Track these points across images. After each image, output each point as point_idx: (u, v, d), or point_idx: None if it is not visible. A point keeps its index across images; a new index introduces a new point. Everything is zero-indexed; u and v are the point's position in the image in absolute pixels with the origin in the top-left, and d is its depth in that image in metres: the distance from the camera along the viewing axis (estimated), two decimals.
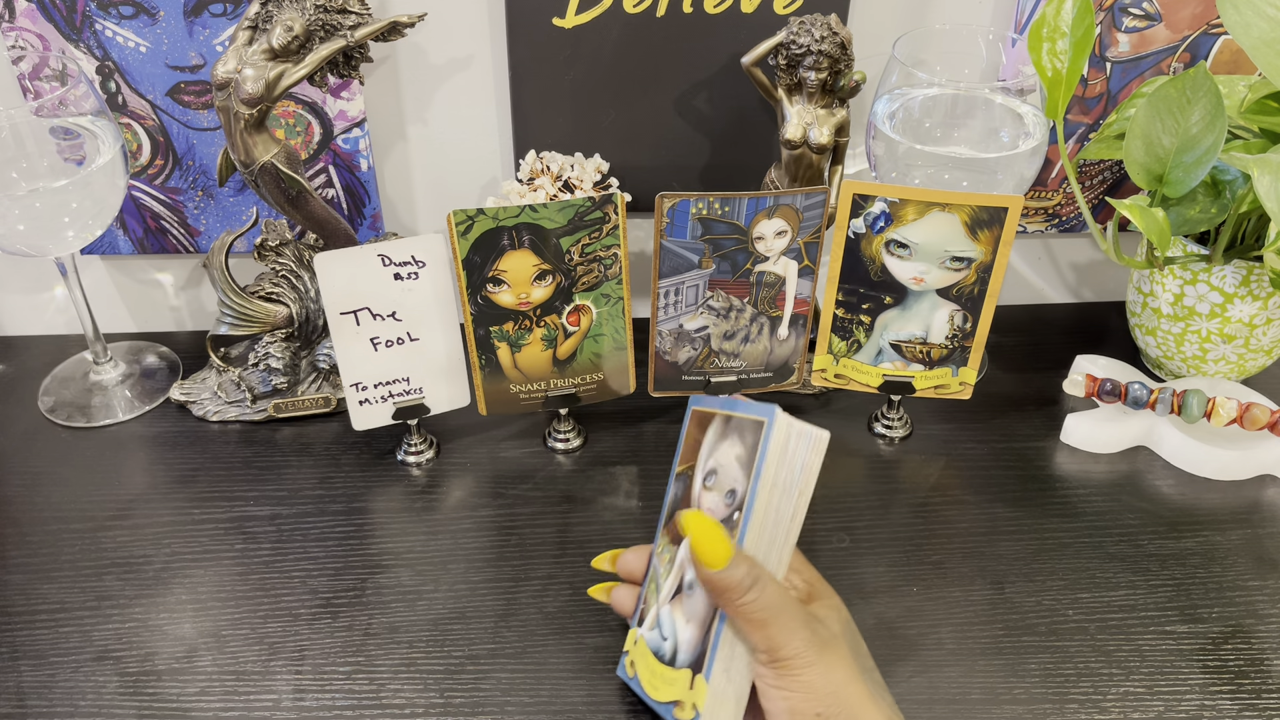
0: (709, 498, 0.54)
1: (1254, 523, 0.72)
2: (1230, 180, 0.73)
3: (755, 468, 0.50)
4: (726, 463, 0.53)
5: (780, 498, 0.51)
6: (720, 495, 0.53)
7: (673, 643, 0.54)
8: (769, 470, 0.50)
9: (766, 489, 0.50)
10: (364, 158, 0.82)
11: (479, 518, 0.73)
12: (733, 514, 0.52)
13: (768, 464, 0.50)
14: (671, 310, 0.73)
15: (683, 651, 0.53)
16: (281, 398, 0.81)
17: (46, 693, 0.61)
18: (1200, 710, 0.60)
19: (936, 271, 0.70)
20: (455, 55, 0.80)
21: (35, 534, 0.72)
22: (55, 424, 0.81)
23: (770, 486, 0.50)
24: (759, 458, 0.50)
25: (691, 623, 0.53)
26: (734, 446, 0.53)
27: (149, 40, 0.76)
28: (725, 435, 0.54)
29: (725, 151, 0.83)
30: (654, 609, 0.56)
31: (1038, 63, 0.70)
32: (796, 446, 0.50)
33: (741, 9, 0.76)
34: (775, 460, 0.50)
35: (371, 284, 0.69)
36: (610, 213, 0.69)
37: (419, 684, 0.62)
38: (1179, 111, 0.69)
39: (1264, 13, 0.67)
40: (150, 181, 0.83)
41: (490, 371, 0.73)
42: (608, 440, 0.79)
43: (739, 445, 0.52)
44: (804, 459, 0.50)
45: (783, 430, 0.50)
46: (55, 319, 0.90)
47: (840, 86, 0.73)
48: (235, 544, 0.71)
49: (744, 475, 0.51)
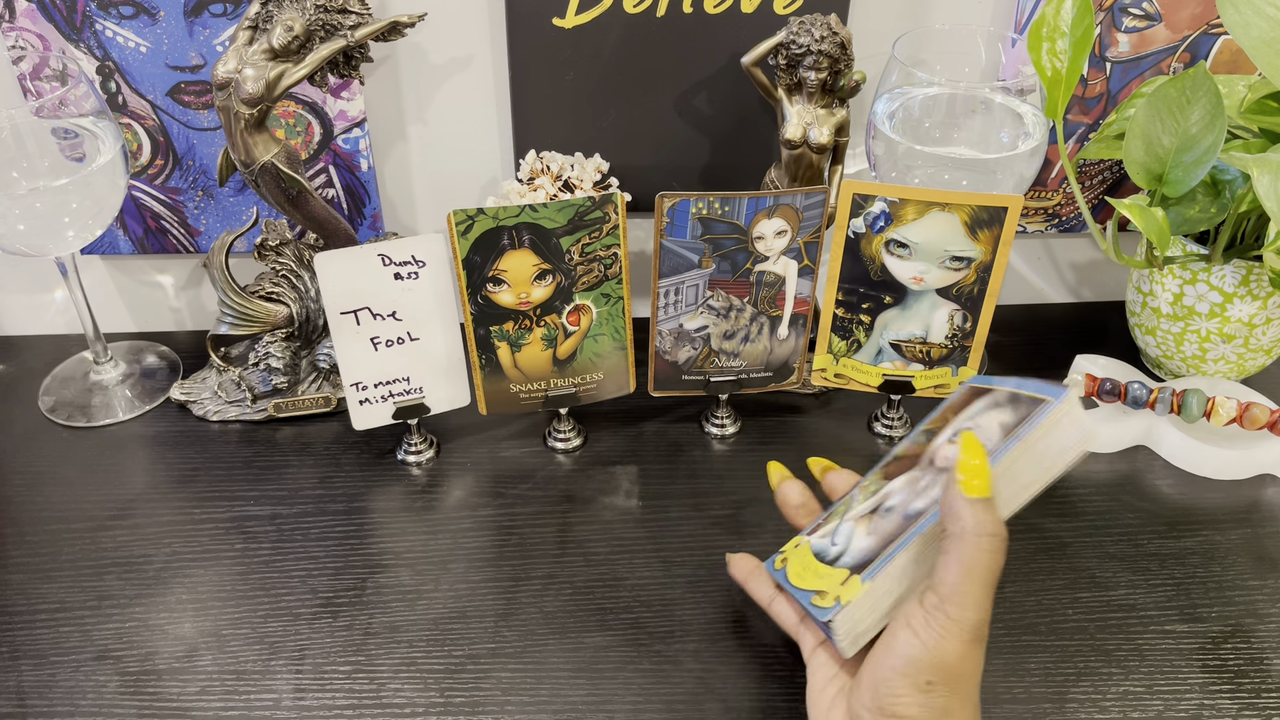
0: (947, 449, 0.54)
1: (1253, 522, 0.72)
2: (1230, 180, 0.73)
3: (1017, 433, 0.50)
4: (987, 425, 0.53)
5: (1027, 465, 0.51)
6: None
7: (842, 549, 0.55)
8: (1033, 436, 0.50)
9: (1020, 451, 0.50)
10: (364, 158, 0.82)
11: (479, 517, 0.73)
12: None
13: (1034, 432, 0.50)
14: (671, 310, 0.73)
15: (849, 557, 0.54)
16: (281, 397, 0.81)
17: (47, 692, 0.61)
18: (1200, 709, 0.60)
19: (936, 271, 0.70)
20: (455, 55, 0.80)
21: (35, 534, 0.72)
22: (55, 424, 0.81)
23: (1025, 450, 0.50)
24: (1026, 425, 0.50)
25: (873, 536, 0.54)
26: (1002, 414, 0.53)
27: (149, 40, 0.76)
28: (998, 406, 0.54)
29: (725, 151, 0.83)
30: (834, 523, 0.58)
31: (1037, 63, 0.71)
32: (1067, 429, 0.50)
33: (741, 9, 0.76)
34: (1042, 432, 0.50)
35: (371, 284, 0.69)
36: (610, 212, 0.69)
37: (419, 683, 0.62)
38: (1179, 111, 0.69)
39: (1264, 12, 0.67)
40: (150, 181, 0.83)
41: (490, 371, 0.73)
42: (608, 440, 0.79)
43: (1008, 414, 0.53)
44: (1067, 443, 0.51)
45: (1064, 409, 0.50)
46: (55, 319, 0.90)
47: (840, 86, 0.73)
48: (235, 544, 0.71)
49: (1000, 438, 0.51)
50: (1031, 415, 0.51)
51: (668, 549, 0.70)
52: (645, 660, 0.63)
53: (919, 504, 0.53)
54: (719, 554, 0.70)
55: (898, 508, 0.54)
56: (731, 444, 0.79)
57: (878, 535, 0.53)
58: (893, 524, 0.53)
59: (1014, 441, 0.50)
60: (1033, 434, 0.50)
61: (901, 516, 0.53)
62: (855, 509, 0.57)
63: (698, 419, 0.81)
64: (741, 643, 0.64)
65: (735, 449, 0.79)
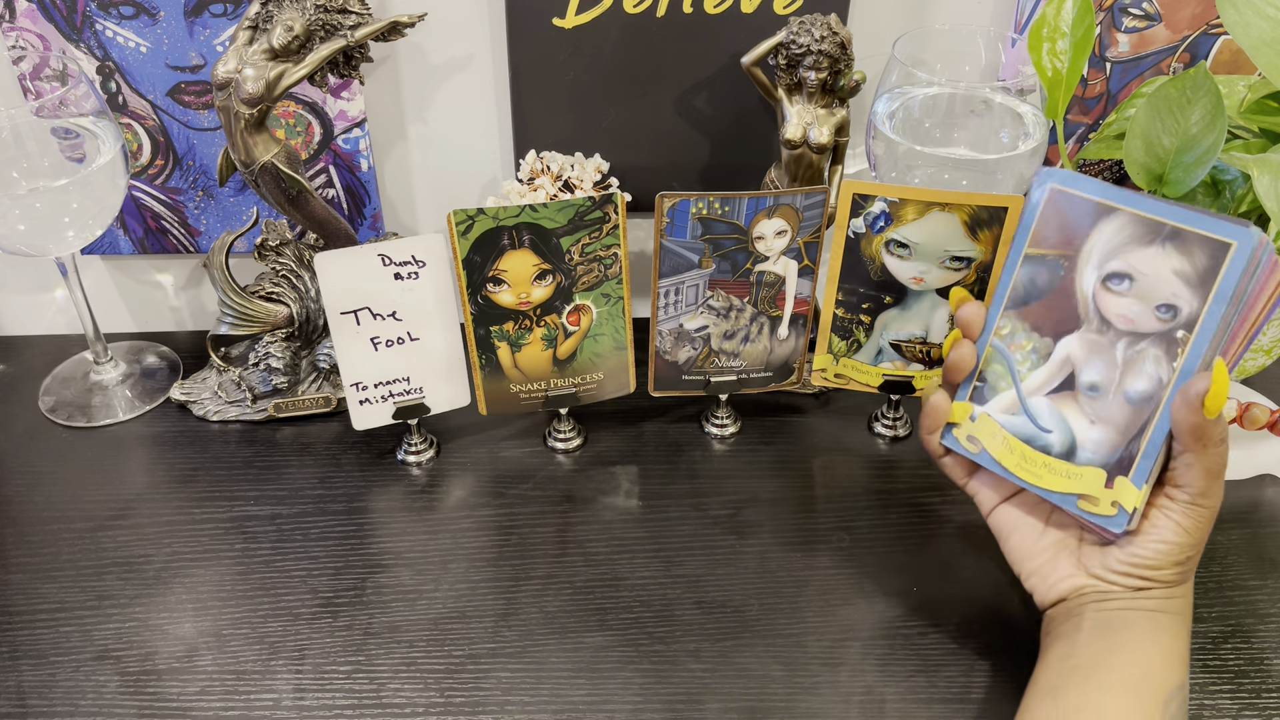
0: (1116, 301, 0.53)
1: (1254, 522, 0.72)
2: (1230, 180, 0.73)
3: (1216, 292, 0.49)
4: (1156, 273, 0.51)
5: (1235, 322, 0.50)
6: (1145, 306, 0.52)
7: (1065, 438, 0.55)
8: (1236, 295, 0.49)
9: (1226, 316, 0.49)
10: (364, 158, 0.83)
11: (479, 517, 0.73)
12: (1174, 331, 0.51)
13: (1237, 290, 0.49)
14: (671, 310, 0.73)
15: (1086, 450, 0.55)
16: (282, 397, 0.81)
17: (46, 692, 0.61)
18: (1200, 710, 0.60)
19: (936, 271, 0.70)
20: (455, 55, 0.80)
21: (35, 534, 0.72)
22: (56, 424, 0.81)
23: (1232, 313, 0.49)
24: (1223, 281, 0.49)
25: (1102, 425, 0.54)
26: (1170, 258, 0.51)
27: (149, 40, 0.76)
28: (1147, 240, 0.52)
29: (725, 151, 0.83)
30: (1007, 393, 0.57)
31: (1038, 63, 0.70)
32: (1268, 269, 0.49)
33: (741, 9, 0.76)
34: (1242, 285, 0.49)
35: (372, 284, 0.69)
36: (610, 212, 0.69)
37: (419, 683, 0.62)
38: (1179, 111, 0.69)
39: (1264, 12, 0.67)
40: (150, 181, 0.83)
41: (490, 371, 0.73)
42: (608, 440, 0.79)
43: (1180, 259, 0.50)
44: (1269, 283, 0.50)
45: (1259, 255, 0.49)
46: (55, 319, 0.90)
47: (840, 86, 0.73)
48: (235, 544, 0.71)
49: (1190, 294, 0.50)
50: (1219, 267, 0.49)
51: (668, 549, 0.70)
52: (645, 660, 0.63)
53: (1141, 385, 0.52)
54: (719, 554, 0.70)
55: (1106, 387, 0.53)
56: (731, 444, 0.79)
57: (1110, 425, 0.53)
58: (1118, 410, 0.53)
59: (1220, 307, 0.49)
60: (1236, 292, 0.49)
61: (1125, 401, 0.53)
62: (1030, 377, 0.56)
63: (698, 419, 0.81)
64: (741, 643, 0.64)
65: (735, 449, 0.79)
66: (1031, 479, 0.56)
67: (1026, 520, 0.59)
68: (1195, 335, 0.50)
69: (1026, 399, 0.57)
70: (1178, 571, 0.54)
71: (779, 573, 0.69)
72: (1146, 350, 0.52)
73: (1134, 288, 0.52)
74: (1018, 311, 0.57)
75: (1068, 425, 0.55)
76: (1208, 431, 0.51)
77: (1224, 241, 0.49)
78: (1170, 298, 0.51)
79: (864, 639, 0.64)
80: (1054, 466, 0.55)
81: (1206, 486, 0.52)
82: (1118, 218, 0.53)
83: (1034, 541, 0.59)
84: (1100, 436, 0.54)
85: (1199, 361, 0.50)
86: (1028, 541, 0.59)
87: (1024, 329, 0.57)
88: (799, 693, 0.61)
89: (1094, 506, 0.54)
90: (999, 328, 0.58)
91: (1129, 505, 0.53)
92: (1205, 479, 0.52)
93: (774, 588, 0.68)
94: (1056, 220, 0.56)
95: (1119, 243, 0.53)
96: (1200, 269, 0.50)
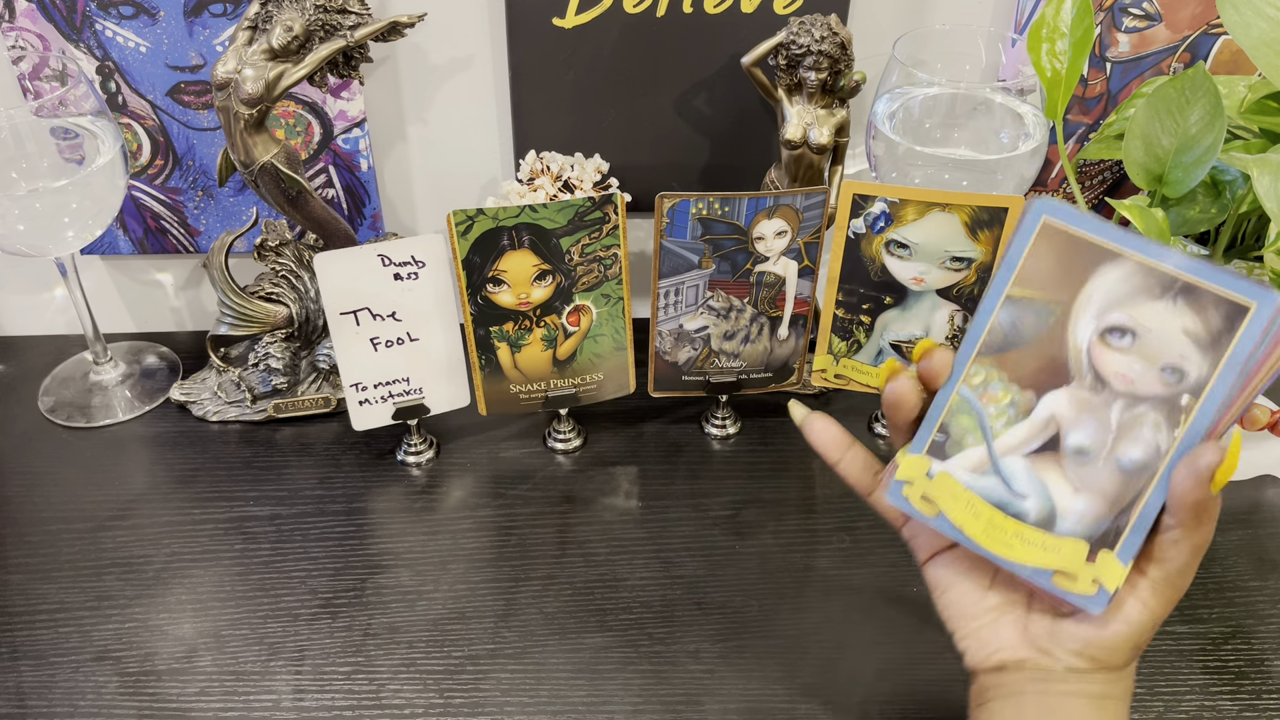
0: (1115, 358, 0.48)
1: (1254, 523, 0.72)
2: (1230, 180, 0.73)
3: (1229, 357, 0.44)
4: (1163, 331, 0.46)
5: (1238, 394, 0.46)
6: (1149, 366, 0.47)
7: (1043, 505, 0.49)
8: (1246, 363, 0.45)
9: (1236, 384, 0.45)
10: (364, 158, 0.82)
11: (479, 518, 0.73)
12: (1178, 396, 0.46)
13: (1249, 356, 0.44)
14: (671, 310, 0.73)
15: (1068, 520, 0.49)
16: (281, 398, 0.81)
17: (46, 693, 0.61)
18: (1200, 710, 0.60)
19: (936, 272, 0.70)
20: (455, 55, 0.80)
21: (35, 534, 0.72)
22: (55, 424, 0.81)
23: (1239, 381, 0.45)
24: (1238, 346, 0.44)
25: (1088, 494, 0.48)
26: (1181, 316, 0.46)
27: (149, 40, 0.76)
28: (1156, 293, 0.47)
29: (725, 151, 0.83)
30: (975, 450, 0.50)
31: (1037, 63, 0.70)
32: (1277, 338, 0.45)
33: (741, 9, 0.76)
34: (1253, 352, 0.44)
35: (371, 284, 0.69)
36: (610, 213, 0.69)
37: (419, 684, 0.62)
38: (1178, 112, 0.69)
39: (1264, 13, 0.67)
40: (150, 181, 0.83)
41: (490, 372, 0.73)
42: (608, 440, 0.79)
43: (1192, 318, 0.46)
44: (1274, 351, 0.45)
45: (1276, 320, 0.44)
46: (55, 319, 0.90)
47: (840, 86, 0.73)
48: (235, 544, 0.71)
49: (1200, 357, 0.45)
50: (1234, 331, 0.45)
51: (668, 549, 0.70)
52: (645, 661, 0.63)
53: (1136, 452, 0.47)
54: (719, 555, 0.70)
55: (1097, 452, 0.48)
56: (731, 445, 0.79)
57: (1094, 492, 0.48)
58: (1108, 478, 0.48)
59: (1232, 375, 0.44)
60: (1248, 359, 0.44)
61: (1117, 469, 0.47)
62: (1004, 433, 0.50)
63: (698, 419, 0.81)
64: (741, 644, 0.64)
65: (735, 450, 0.79)
66: (1000, 550, 0.50)
67: (968, 576, 0.52)
68: (1202, 402, 0.46)
69: (1000, 458, 0.50)
70: (1132, 654, 0.49)
71: (779, 574, 0.69)
72: (1146, 414, 0.47)
73: (1137, 344, 0.47)
74: (995, 358, 0.51)
75: (1047, 491, 0.49)
76: (1209, 508, 0.46)
77: (1243, 303, 0.44)
78: (1178, 359, 0.46)
79: (864, 640, 0.64)
80: (1028, 536, 0.49)
81: (1188, 566, 0.47)
82: (1123, 265, 0.48)
83: (975, 601, 0.52)
84: (1085, 506, 0.48)
85: (1203, 430, 0.46)
86: (968, 599, 0.52)
87: (1001, 379, 0.50)
88: (799, 694, 0.61)
89: (1071, 583, 0.48)
90: (970, 374, 0.51)
91: (1110, 584, 0.47)
92: (1190, 558, 0.47)
93: (774, 589, 0.68)
94: (1049, 259, 0.49)
95: (1123, 293, 0.48)
96: (1214, 330, 0.45)
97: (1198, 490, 0.45)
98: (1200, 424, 0.46)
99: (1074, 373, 0.49)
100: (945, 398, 0.51)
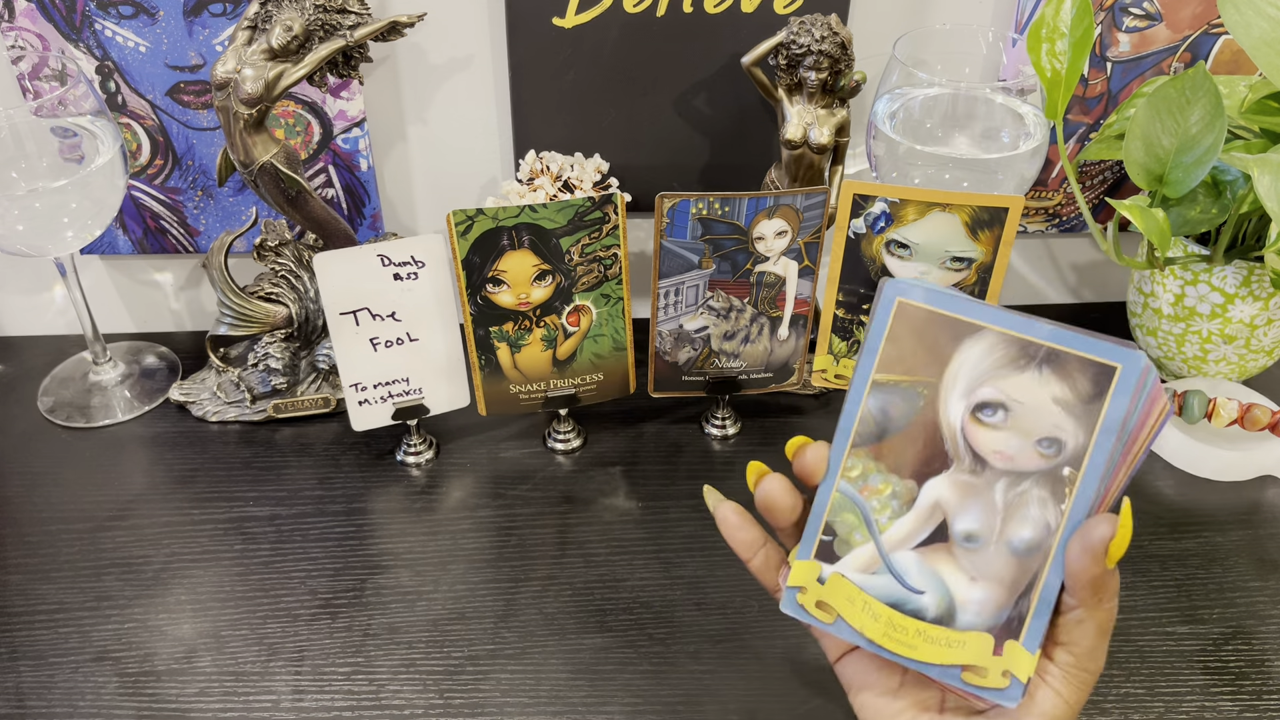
0: (989, 435, 0.46)
1: (1254, 524, 0.72)
2: (1231, 180, 0.73)
3: (1103, 422, 0.43)
4: (1034, 402, 0.45)
5: (1119, 455, 0.44)
6: (1025, 440, 0.45)
7: (941, 599, 0.47)
8: (1123, 425, 0.43)
9: (1114, 448, 0.43)
10: (364, 158, 0.82)
11: (479, 518, 0.73)
12: (1059, 468, 0.45)
13: (1124, 419, 0.43)
14: (671, 310, 0.73)
15: (968, 612, 0.46)
16: (281, 398, 0.81)
17: (46, 693, 0.61)
18: (1201, 711, 0.60)
19: (937, 272, 0.70)
20: (455, 55, 0.80)
21: (35, 534, 0.72)
22: (55, 424, 0.81)
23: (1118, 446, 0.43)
24: (1110, 410, 0.43)
25: (985, 582, 0.46)
26: (1049, 385, 0.45)
27: (148, 40, 0.76)
28: (1021, 364, 0.45)
29: (725, 151, 0.83)
30: (863, 548, 0.48)
31: (1037, 63, 0.70)
32: (1151, 397, 0.44)
33: (741, 9, 0.76)
34: (1127, 416, 0.43)
35: (371, 284, 0.69)
36: (610, 213, 0.69)
37: (418, 684, 0.62)
38: (1179, 112, 0.69)
39: (1264, 12, 0.67)
40: (150, 181, 0.82)
41: (490, 372, 0.73)
42: (608, 440, 0.79)
43: (1060, 385, 0.44)
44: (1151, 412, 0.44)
45: (1144, 381, 0.43)
46: (55, 319, 0.90)
47: (840, 86, 0.73)
48: (234, 544, 0.71)
49: (1074, 425, 0.44)
50: (1104, 394, 0.43)
51: (667, 550, 0.70)
52: (644, 662, 0.63)
53: (1026, 533, 0.45)
54: (719, 555, 0.70)
55: (986, 536, 0.46)
56: (731, 445, 0.79)
57: (994, 582, 0.46)
58: (1002, 563, 0.46)
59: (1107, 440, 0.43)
60: (1123, 422, 0.43)
61: (1009, 552, 0.46)
62: (891, 527, 0.48)
63: (698, 420, 0.81)
64: (741, 644, 0.64)
65: (735, 450, 0.79)
66: (905, 651, 0.47)
67: (877, 677, 0.50)
68: (1084, 472, 0.44)
69: (889, 554, 0.48)
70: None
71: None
72: (1030, 491, 0.45)
73: (1010, 419, 0.46)
74: (869, 449, 0.48)
75: (943, 583, 0.47)
76: (1107, 584, 0.44)
77: (1108, 365, 0.43)
78: (1052, 430, 0.45)
79: None
80: (930, 634, 0.47)
81: (1095, 647, 0.45)
82: (985, 337, 0.46)
83: (887, 703, 0.50)
84: (983, 595, 0.46)
85: (1089, 501, 0.44)
86: (879, 702, 0.50)
87: (879, 470, 0.48)
88: (799, 695, 0.61)
89: (981, 679, 0.46)
90: (847, 468, 0.49)
91: (1022, 675, 0.45)
92: (1096, 637, 0.45)
93: None
94: (910, 340, 0.48)
95: (988, 366, 0.46)
96: (1084, 396, 0.44)
97: (1094, 566, 0.43)
98: (1085, 495, 0.44)
99: (952, 455, 0.47)
100: (826, 495, 0.49)
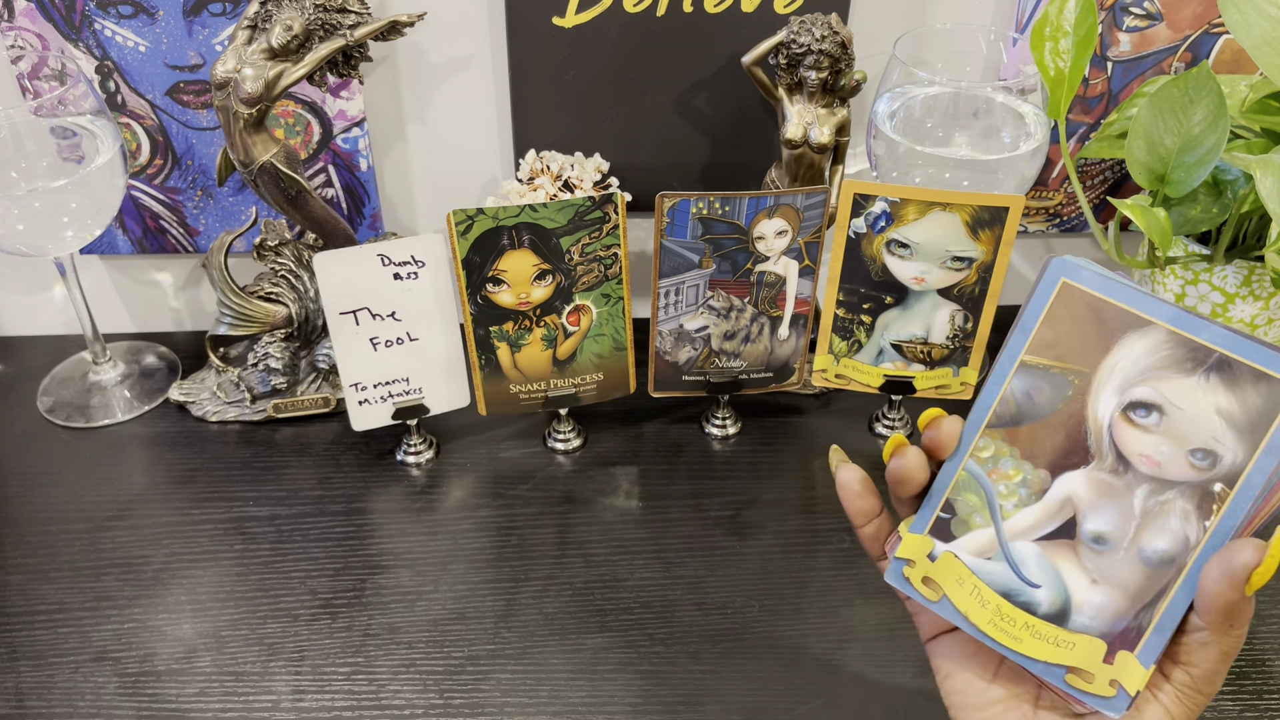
0: (1139, 437, 0.44)
1: None
2: (1232, 180, 0.73)
3: (1269, 442, 0.40)
4: (1194, 410, 0.42)
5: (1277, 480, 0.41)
6: (1177, 448, 0.43)
7: (1057, 596, 0.45)
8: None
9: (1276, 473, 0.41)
10: (364, 157, 0.82)
11: (479, 518, 0.73)
12: (1211, 483, 0.42)
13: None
14: (672, 310, 0.72)
15: (1084, 615, 0.45)
16: (281, 398, 0.81)
17: (45, 693, 0.61)
18: (1201, 711, 0.60)
19: (937, 271, 0.70)
20: (455, 55, 0.79)
21: (34, 534, 0.71)
22: (54, 424, 0.81)
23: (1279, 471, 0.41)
24: (1278, 432, 0.40)
25: (1107, 587, 0.44)
26: (1214, 393, 0.42)
27: (148, 40, 0.76)
28: (1188, 367, 0.43)
29: (725, 151, 0.83)
30: (982, 532, 0.46)
31: (1040, 62, 0.70)
32: None
33: (742, 8, 0.76)
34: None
35: (371, 284, 0.69)
36: (610, 212, 0.69)
37: (419, 684, 0.62)
38: (1181, 111, 0.69)
39: (1265, 12, 0.67)
40: (149, 181, 0.82)
41: (490, 371, 0.73)
42: (608, 440, 0.79)
43: (1226, 396, 0.42)
44: None
45: None
46: (54, 319, 0.90)
47: (841, 86, 0.73)
48: (234, 544, 0.71)
49: (1235, 440, 0.41)
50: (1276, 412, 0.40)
51: (668, 550, 0.70)
52: (645, 662, 0.63)
53: (1162, 544, 0.43)
54: (719, 555, 0.70)
55: (1117, 541, 0.44)
56: (732, 445, 0.79)
57: (1113, 585, 0.44)
58: (1130, 571, 0.44)
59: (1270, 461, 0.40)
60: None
61: (1140, 561, 0.43)
62: (1019, 516, 0.46)
63: (698, 420, 0.81)
64: (741, 644, 0.64)
65: (735, 450, 0.79)
66: (1009, 642, 0.45)
67: (971, 663, 0.48)
68: (1237, 491, 0.41)
69: (1009, 542, 0.46)
70: None
71: (779, 574, 0.69)
72: (1173, 502, 0.43)
73: (1164, 423, 0.43)
74: (1006, 432, 0.47)
75: (1061, 581, 0.45)
76: (1241, 611, 0.41)
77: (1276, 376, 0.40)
78: (1210, 442, 0.42)
79: (864, 641, 0.64)
80: (1039, 630, 0.45)
81: (1215, 671, 0.43)
82: (1152, 334, 0.43)
83: (979, 692, 0.48)
84: (1103, 600, 0.44)
85: (1238, 524, 0.42)
86: (971, 689, 0.48)
87: (1012, 455, 0.47)
88: (799, 695, 0.61)
89: (1086, 684, 0.44)
90: (978, 448, 0.47)
91: (1131, 687, 0.43)
92: (1218, 662, 0.43)
93: (774, 589, 0.68)
94: (1068, 324, 0.45)
95: (1150, 364, 0.44)
96: (1251, 412, 0.41)
97: (1231, 592, 0.40)
98: (1234, 516, 0.42)
99: (1094, 452, 0.45)
100: (951, 472, 0.47)
